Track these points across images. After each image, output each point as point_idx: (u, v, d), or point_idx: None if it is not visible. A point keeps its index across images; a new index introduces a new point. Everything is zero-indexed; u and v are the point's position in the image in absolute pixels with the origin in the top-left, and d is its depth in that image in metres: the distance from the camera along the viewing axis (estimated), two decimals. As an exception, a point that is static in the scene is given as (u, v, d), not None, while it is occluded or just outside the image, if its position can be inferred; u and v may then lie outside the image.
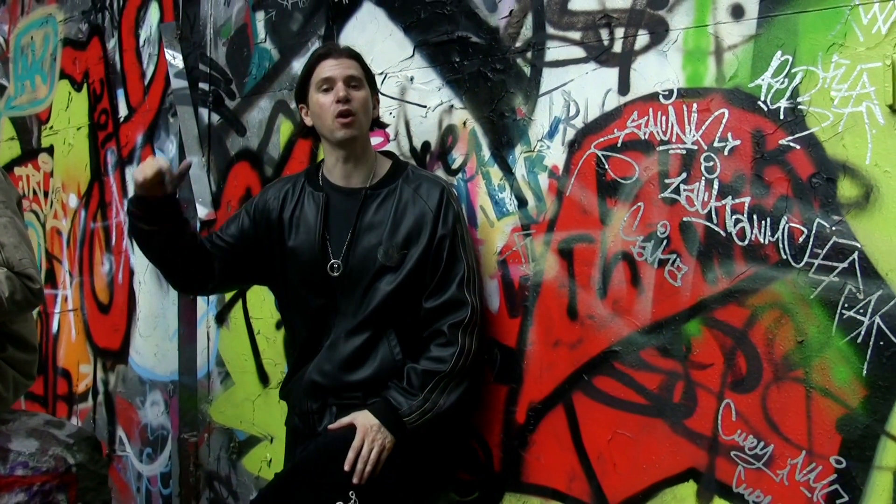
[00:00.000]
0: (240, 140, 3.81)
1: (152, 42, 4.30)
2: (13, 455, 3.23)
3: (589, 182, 2.75)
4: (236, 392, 3.84)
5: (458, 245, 2.82)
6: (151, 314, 4.26)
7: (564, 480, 2.83)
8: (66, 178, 4.88)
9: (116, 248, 4.50)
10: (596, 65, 2.76)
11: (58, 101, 4.97)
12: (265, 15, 3.70)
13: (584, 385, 2.78)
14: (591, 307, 2.75)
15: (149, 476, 4.32)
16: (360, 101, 2.85)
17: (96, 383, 4.66)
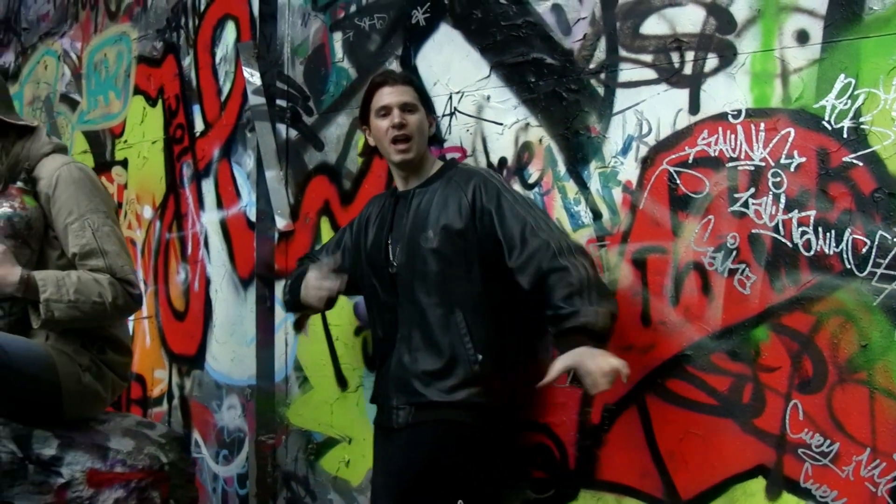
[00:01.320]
0: (317, 155, 4.05)
1: (228, 60, 4.56)
2: (112, 453, 3.46)
3: (661, 196, 2.98)
4: (314, 395, 4.07)
5: (508, 209, 2.98)
6: (228, 321, 4.52)
7: (637, 477, 3.04)
8: (141, 190, 5.15)
9: (192, 257, 4.76)
10: (667, 86, 2.98)
11: (132, 115, 5.24)
12: (343, 35, 3.95)
13: (656, 387, 2.99)
14: (663, 314, 2.97)
15: (225, 477, 4.57)
16: (415, 124, 3.17)
17: (171, 388, 4.91)
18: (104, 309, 3.30)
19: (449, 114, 3.52)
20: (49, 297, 3.21)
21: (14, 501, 3.24)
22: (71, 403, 3.39)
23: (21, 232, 3.31)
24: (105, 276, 3.31)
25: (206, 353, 4.69)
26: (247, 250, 4.38)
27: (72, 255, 3.32)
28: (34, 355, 3.27)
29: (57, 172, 3.36)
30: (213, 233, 4.64)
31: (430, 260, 3.07)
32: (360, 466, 3.80)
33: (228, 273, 4.52)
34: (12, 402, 3.25)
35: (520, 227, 2.95)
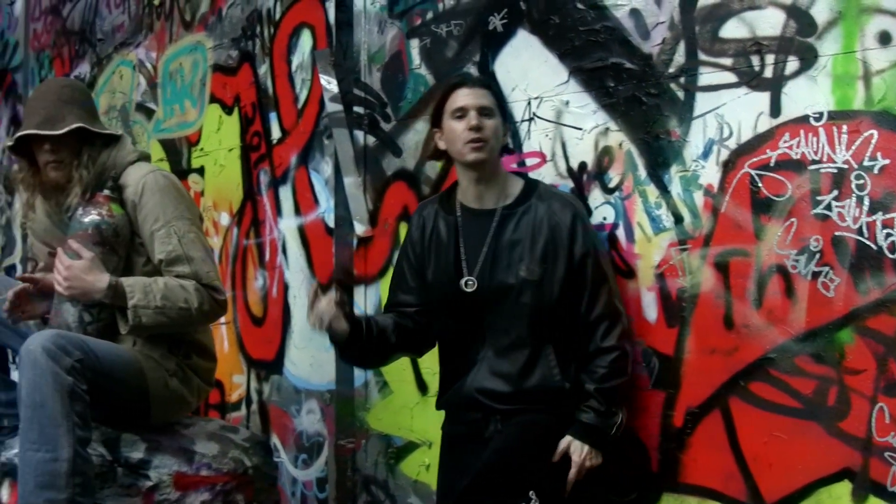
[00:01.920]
0: (396, 161, 4.14)
1: (305, 67, 4.67)
2: (198, 456, 3.59)
3: (743, 199, 3.01)
4: (394, 400, 4.16)
5: (600, 262, 3.11)
6: (307, 326, 4.53)
7: (721, 480, 3.07)
8: (217, 198, 5.28)
9: (270, 263, 4.87)
10: (748, 89, 3.01)
11: (208, 123, 5.37)
12: (420, 42, 4.04)
13: (739, 390, 3.02)
14: (746, 317, 3.00)
15: (304, 481, 4.67)
16: (490, 128, 3.15)
17: (249, 393, 5.03)
18: (190, 315, 3.41)
19: (527, 119, 3.59)
20: (137, 304, 3.33)
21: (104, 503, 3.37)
22: (158, 408, 3.51)
23: (108, 239, 3.44)
24: (191, 282, 3.42)
25: (284, 358, 4.79)
26: (325, 256, 4.47)
27: (158, 261, 3.44)
28: (123, 360, 3.39)
29: (143, 180, 3.48)
30: (292, 239, 4.74)
31: (525, 291, 3.09)
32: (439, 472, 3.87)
33: (307, 279, 4.62)
34: (103, 407, 3.36)
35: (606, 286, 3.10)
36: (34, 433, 3.08)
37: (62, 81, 3.91)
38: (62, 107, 3.49)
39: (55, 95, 3.54)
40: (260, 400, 4.96)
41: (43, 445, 3.07)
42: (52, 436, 3.07)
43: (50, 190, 3.56)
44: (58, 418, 3.07)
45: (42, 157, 3.51)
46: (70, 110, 3.49)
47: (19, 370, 3.15)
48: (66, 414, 3.08)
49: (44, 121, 3.45)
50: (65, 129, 3.44)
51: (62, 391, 3.07)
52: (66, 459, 3.07)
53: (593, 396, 3.06)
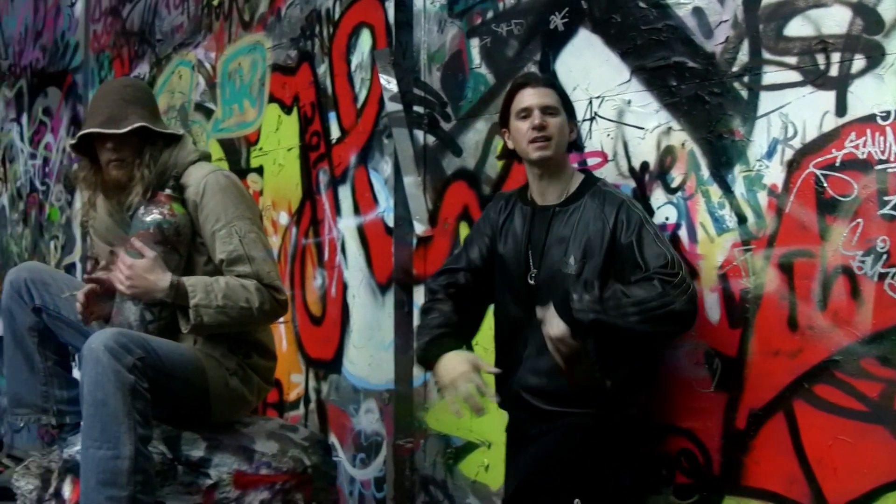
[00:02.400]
0: (455, 160, 4.17)
1: (364, 67, 4.71)
2: (258, 455, 3.62)
3: (808, 200, 3.00)
4: (453, 400, 4.18)
5: (651, 239, 3.05)
6: (366, 326, 4.66)
7: (784, 484, 3.06)
8: (276, 197, 5.33)
9: (329, 262, 4.92)
10: (813, 88, 3.00)
11: (267, 123, 5.43)
12: (480, 42, 4.06)
13: (804, 393, 3.01)
14: (810, 318, 2.99)
15: (362, 480, 4.70)
16: (555, 126, 3.21)
17: (308, 392, 5.08)
18: (251, 314, 3.45)
19: (589, 119, 3.60)
20: (198, 303, 3.37)
21: (165, 501, 3.42)
22: (218, 406, 3.56)
23: (170, 238, 3.48)
24: (252, 281, 3.46)
25: (343, 357, 4.83)
26: (384, 256, 4.51)
27: (219, 261, 3.48)
28: (185, 359, 3.44)
29: (204, 180, 3.53)
30: (351, 238, 4.79)
31: (568, 285, 3.09)
32: (500, 471, 3.84)
33: (366, 278, 4.66)
34: (164, 405, 3.40)
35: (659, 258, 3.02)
36: (96, 431, 3.13)
37: (125, 81, 3.97)
38: (125, 106, 3.54)
39: (118, 95, 3.59)
40: (318, 399, 5.01)
41: (104, 443, 3.12)
42: (113, 433, 3.12)
43: (111, 189, 3.60)
44: (119, 416, 3.12)
45: (104, 155, 3.56)
46: (133, 110, 3.54)
47: (81, 368, 3.20)
48: (127, 412, 3.13)
49: (107, 120, 3.50)
50: (127, 128, 3.49)
51: (123, 389, 3.12)
52: (128, 457, 3.12)
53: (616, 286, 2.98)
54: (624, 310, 2.92)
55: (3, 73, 9.21)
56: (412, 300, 4.35)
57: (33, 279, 3.74)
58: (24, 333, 3.74)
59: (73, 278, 4.10)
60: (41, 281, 3.75)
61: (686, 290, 2.96)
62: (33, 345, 3.77)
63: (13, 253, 8.76)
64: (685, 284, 2.97)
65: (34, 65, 8.56)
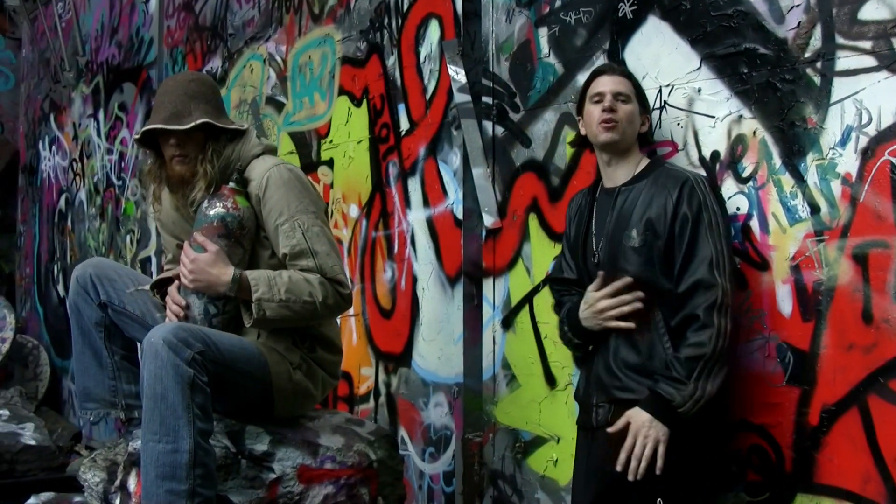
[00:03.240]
0: (525, 151, 4.16)
1: (433, 58, 4.72)
2: (322, 449, 3.63)
3: (883, 189, 2.93)
4: (522, 394, 4.18)
5: (703, 229, 3.06)
6: (435, 319, 4.66)
7: (858, 482, 2.99)
8: (346, 190, 5.36)
9: (399, 255, 4.93)
10: (888, 73, 2.93)
11: (337, 116, 5.46)
12: (548, 31, 4.04)
13: (879, 388, 2.94)
14: (886, 311, 2.92)
15: (431, 474, 4.72)
16: (625, 112, 3.26)
17: (378, 385, 5.10)
18: (314, 308, 3.46)
19: (659, 107, 3.56)
20: (261, 297, 3.39)
21: (228, 495, 3.44)
22: (282, 400, 3.57)
23: (234, 232, 3.50)
24: (315, 275, 3.47)
25: (412, 350, 4.85)
26: (454, 248, 4.51)
27: (282, 255, 3.50)
28: (247, 353, 3.46)
29: (267, 174, 3.54)
30: (420, 231, 4.80)
31: (631, 258, 3.14)
32: (569, 466, 3.84)
33: (435, 271, 4.67)
34: (226, 399, 3.45)
35: (705, 255, 3.03)
36: (155, 424, 3.16)
37: (190, 76, 4.00)
38: (189, 101, 3.56)
39: (182, 90, 3.61)
40: (388, 392, 5.03)
41: (164, 437, 3.15)
42: (172, 427, 3.15)
43: (176, 184, 3.63)
44: (178, 410, 3.15)
45: (168, 151, 3.59)
46: (196, 105, 3.56)
47: (142, 362, 3.24)
48: (186, 406, 3.16)
49: (170, 115, 3.53)
50: (190, 125, 3.51)
51: (183, 383, 3.15)
52: (187, 451, 3.15)
53: (669, 363, 3.04)
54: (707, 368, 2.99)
55: (81, 69, 9.38)
56: (481, 293, 4.35)
57: (98, 275, 3.79)
58: (90, 329, 3.80)
59: (138, 273, 4.15)
60: (106, 276, 3.80)
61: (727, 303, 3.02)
62: (100, 340, 3.82)
63: (91, 247, 8.93)
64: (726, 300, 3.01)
65: (110, 61, 8.72)
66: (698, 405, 2.99)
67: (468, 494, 4.40)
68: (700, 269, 3.03)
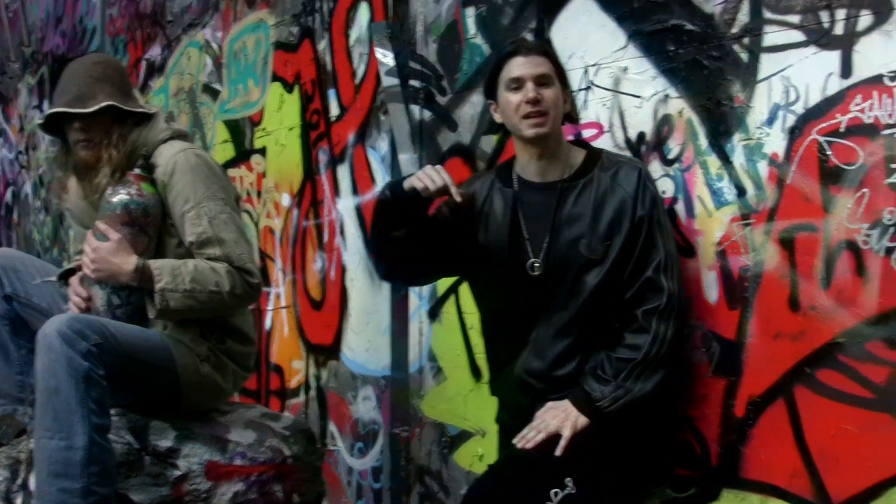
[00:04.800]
0: (452, 135, 3.97)
1: (363, 42, 4.52)
2: (232, 445, 3.45)
3: (811, 169, 2.77)
4: (448, 387, 4.00)
5: (654, 229, 2.87)
6: (364, 310, 4.48)
7: (785, 477, 2.85)
8: (279, 178, 5.17)
9: (329, 245, 4.75)
10: (816, 48, 2.77)
11: (270, 103, 5.27)
12: (475, 11, 3.85)
13: (806, 378, 2.79)
14: (813, 298, 2.77)
15: (360, 470, 4.54)
16: (550, 99, 2.92)
17: (308, 378, 4.92)
18: (221, 298, 3.29)
19: (584, 88, 3.38)
20: (164, 287, 3.22)
21: (130, 493, 3.26)
22: (190, 394, 3.41)
23: (138, 219, 3.33)
24: (223, 264, 3.31)
25: (342, 343, 4.68)
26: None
27: (189, 243, 3.33)
28: (151, 345, 3.29)
29: (174, 159, 3.37)
30: (349, 219, 4.62)
31: (590, 271, 2.90)
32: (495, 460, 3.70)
33: (364, 261, 4.49)
34: (129, 393, 3.29)
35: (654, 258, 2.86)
36: (48, 420, 2.97)
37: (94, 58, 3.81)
38: (93, 84, 3.39)
39: (86, 72, 3.43)
40: (318, 386, 4.85)
41: (57, 433, 2.96)
42: (66, 423, 2.96)
43: (82, 170, 3.46)
44: (72, 405, 2.96)
45: (72, 135, 3.42)
46: (101, 88, 3.39)
47: (35, 355, 3.05)
48: (80, 400, 2.96)
49: (74, 98, 3.36)
50: (94, 108, 3.34)
51: (77, 376, 2.96)
52: (81, 447, 2.96)
53: (601, 361, 2.88)
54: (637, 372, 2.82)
55: (27, 60, 9.15)
56: (408, 284, 4.16)
57: (4, 266, 3.63)
58: None
59: (45, 264, 3.94)
60: (12, 268, 3.64)
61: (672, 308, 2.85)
62: (6, 333, 3.64)
63: (36, 241, 8.74)
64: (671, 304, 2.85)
65: (55, 51, 8.51)
66: (619, 403, 2.81)
67: (395, 491, 4.24)
68: (648, 272, 2.85)
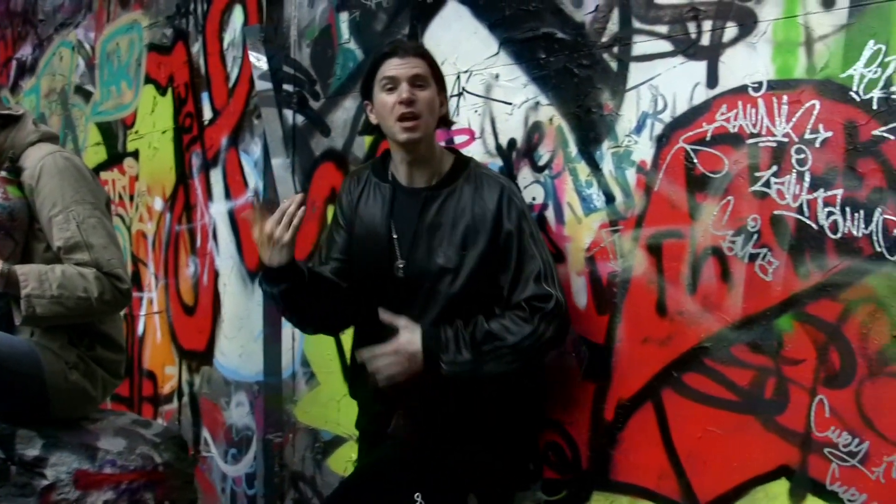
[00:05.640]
0: (325, 140, 3.90)
1: (236, 45, 4.43)
2: (101, 453, 3.34)
3: (677, 177, 2.78)
4: (321, 392, 3.93)
5: (527, 241, 2.81)
6: (236, 315, 4.38)
7: (654, 478, 2.86)
8: (152, 182, 5.04)
9: (201, 250, 4.64)
10: (683, 58, 2.78)
11: (143, 105, 5.14)
12: (349, 15, 3.79)
13: (673, 382, 2.80)
14: (680, 303, 2.78)
15: (234, 476, 4.44)
16: (424, 101, 2.84)
17: (181, 384, 4.80)
18: (90, 304, 3.17)
19: (457, 94, 3.34)
20: (30, 293, 3.09)
21: (-4, 504, 3.13)
22: (58, 402, 3.27)
23: (4, 224, 3.20)
24: (91, 270, 3.18)
25: (215, 348, 4.57)
26: (254, 242, 4.21)
27: (56, 248, 3.21)
28: (17, 352, 3.16)
29: (41, 162, 3.24)
30: (222, 224, 4.52)
31: (445, 278, 2.82)
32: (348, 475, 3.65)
33: (237, 265, 4.40)
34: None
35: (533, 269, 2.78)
36: None
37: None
38: None
39: None
40: (191, 392, 4.73)
41: None
42: None
43: None
44: None
45: None
46: None
47: None
48: None
49: None
50: None
51: None
52: None
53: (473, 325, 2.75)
54: (499, 353, 2.71)
55: None
56: (282, 288, 4.07)
57: None
58: None
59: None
60: None
61: (557, 314, 2.76)
62: None
63: None
64: (556, 308, 2.75)
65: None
66: (457, 370, 2.70)
67: (269, 497, 4.16)
68: (531, 283, 2.77)
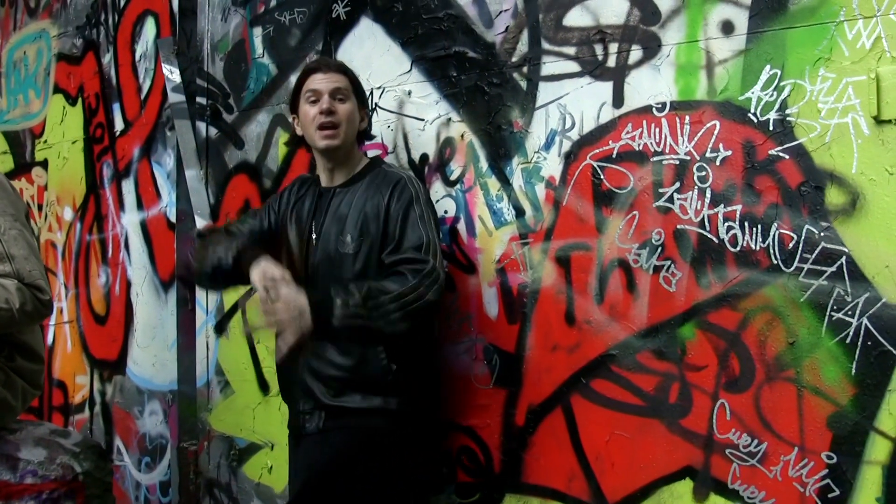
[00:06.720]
0: (238, 153, 3.89)
1: (149, 57, 4.38)
2: (23, 463, 3.28)
3: (585, 192, 2.85)
4: (236, 400, 3.91)
5: (414, 219, 2.83)
6: (149, 324, 4.34)
7: (564, 480, 2.92)
8: (61, 191, 4.95)
9: (113, 259, 4.57)
10: (591, 79, 2.86)
11: (52, 115, 5.04)
12: (263, 31, 3.79)
13: (581, 388, 2.87)
14: (588, 312, 2.85)
15: (147, 485, 4.38)
16: (344, 113, 2.93)
17: (93, 394, 4.71)
18: (11, 315, 3.11)
19: (370, 110, 3.36)
20: None
21: (-88, 520, 3.07)
22: (-23, 412, 3.20)
23: None
24: (12, 281, 3.12)
25: (127, 357, 4.50)
26: (167, 252, 4.20)
27: None
28: None
29: None
30: (134, 234, 4.45)
31: (347, 265, 2.87)
32: (284, 472, 3.59)
33: (149, 275, 4.34)
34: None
35: (415, 241, 2.78)
36: None
37: None
38: None
39: None
40: (103, 401, 4.65)
41: None
42: None
43: None
44: None
45: None
46: None
47: None
48: None
49: None
50: None
51: None
52: None
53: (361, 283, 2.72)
54: (384, 308, 2.65)
55: None
56: (195, 297, 4.05)
57: None
58: None
59: None
60: None
61: (437, 279, 2.73)
62: None
63: None
64: (436, 273, 2.74)
65: None
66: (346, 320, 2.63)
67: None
68: (410, 252, 2.77)
